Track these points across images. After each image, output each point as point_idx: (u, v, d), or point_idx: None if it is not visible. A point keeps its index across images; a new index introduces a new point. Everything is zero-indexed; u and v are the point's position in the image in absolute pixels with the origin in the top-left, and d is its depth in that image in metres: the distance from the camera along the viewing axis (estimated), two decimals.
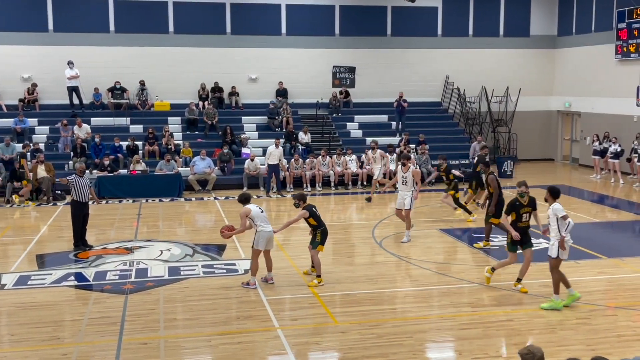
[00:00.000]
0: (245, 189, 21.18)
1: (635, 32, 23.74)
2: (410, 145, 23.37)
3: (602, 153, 23.61)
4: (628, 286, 11.06)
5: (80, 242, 13.71)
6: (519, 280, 10.71)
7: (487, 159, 17.52)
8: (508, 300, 10.42)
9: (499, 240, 13.85)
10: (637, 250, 13.73)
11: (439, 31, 27.67)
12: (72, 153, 21.64)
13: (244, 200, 11.00)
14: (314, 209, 11.12)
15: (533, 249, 10.84)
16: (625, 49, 24.37)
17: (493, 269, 10.99)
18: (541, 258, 12.79)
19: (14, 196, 19.18)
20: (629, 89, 23.59)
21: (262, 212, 10.92)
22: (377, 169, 20.70)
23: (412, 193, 13.97)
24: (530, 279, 11.44)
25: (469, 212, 16.46)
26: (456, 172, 17.11)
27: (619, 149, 22.90)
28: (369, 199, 19.34)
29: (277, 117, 24.71)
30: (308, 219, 11.07)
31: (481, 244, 13.65)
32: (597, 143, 23.84)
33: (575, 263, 12.43)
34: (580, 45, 27.17)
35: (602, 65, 25.78)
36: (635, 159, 21.80)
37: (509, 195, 13.01)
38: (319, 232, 11.14)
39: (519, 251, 10.67)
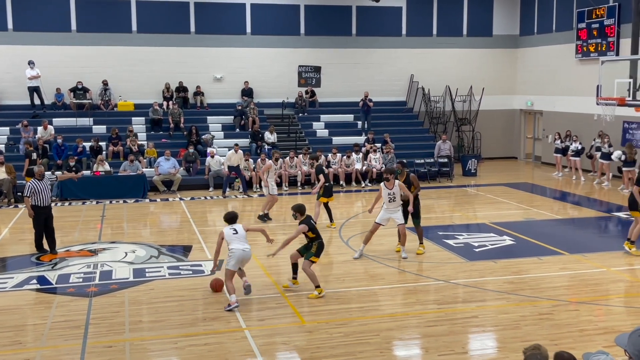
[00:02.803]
0: (211, 189, 21.07)
1: (595, 32, 24.22)
2: (376, 145, 23.49)
3: (564, 151, 24.04)
4: (590, 281, 11.27)
5: (43, 246, 13.39)
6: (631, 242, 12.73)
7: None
8: (473, 297, 10.55)
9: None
10: (599, 246, 14.01)
11: (404, 31, 27.86)
12: (26, 157, 20.81)
13: (225, 220, 10.63)
14: (312, 221, 10.73)
15: None
16: (585, 48, 24.84)
17: (632, 241, 12.70)
18: (501, 255, 12.99)
19: None
20: (589, 87, 24.03)
21: (235, 233, 10.29)
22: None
23: (401, 207, 12.70)
24: (495, 275, 11.61)
25: None
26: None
27: (580, 147, 23.35)
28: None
29: (243, 118, 24.60)
30: (307, 232, 10.64)
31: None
32: (558, 141, 24.28)
33: (538, 259, 12.64)
34: (542, 45, 27.63)
35: (563, 64, 26.24)
36: (598, 156, 22.25)
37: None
38: (315, 244, 10.65)
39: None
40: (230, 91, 26.03)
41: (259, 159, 21.65)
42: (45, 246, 13.43)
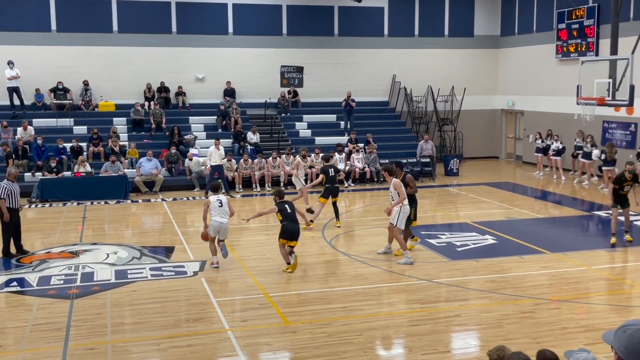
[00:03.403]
0: (197, 189, 20.99)
1: (575, 33, 24.44)
2: (359, 145, 23.53)
3: (545, 150, 24.23)
4: (571, 280, 11.37)
5: (13, 250, 13.16)
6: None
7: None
8: (456, 296, 10.60)
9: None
10: (580, 244, 14.14)
11: (386, 31, 27.93)
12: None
13: (211, 189, 12.63)
14: (285, 206, 11.95)
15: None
16: (565, 48, 25.06)
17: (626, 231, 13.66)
18: (483, 254, 13.06)
19: None
20: (569, 87, 24.23)
21: (220, 205, 11.96)
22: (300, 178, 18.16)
23: (400, 207, 12.34)
24: (478, 274, 11.67)
25: None
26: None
27: (560, 147, 23.54)
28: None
29: (225, 118, 24.52)
30: (277, 214, 11.97)
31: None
32: (539, 141, 24.46)
33: (520, 258, 12.73)
34: (523, 45, 27.83)
35: (543, 64, 26.45)
36: (580, 156, 22.47)
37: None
38: (281, 226, 11.85)
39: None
40: (212, 91, 25.93)
41: (242, 159, 21.61)
42: (12, 250, 13.23)
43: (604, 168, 20.73)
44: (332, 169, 16.07)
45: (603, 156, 20.71)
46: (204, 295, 10.59)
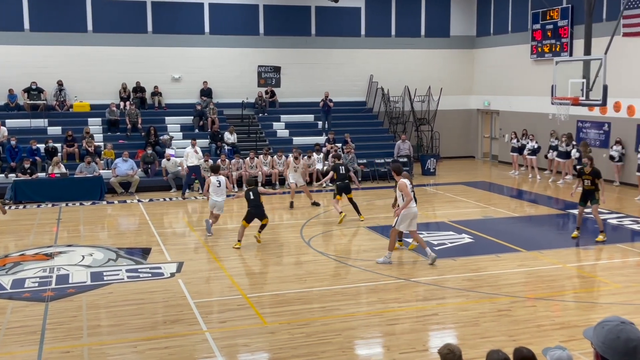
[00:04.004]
0: (173, 190, 20.84)
1: (549, 33, 24.71)
2: (337, 145, 23.55)
3: (520, 150, 24.47)
4: (546, 278, 11.49)
5: None
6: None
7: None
8: (433, 295, 10.65)
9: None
10: (555, 242, 14.28)
11: (363, 31, 27.99)
12: None
13: (212, 170, 15.40)
14: (250, 193, 13.85)
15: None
16: (540, 49, 25.33)
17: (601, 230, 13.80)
18: (460, 253, 13.15)
19: None
20: (544, 87, 24.48)
21: (218, 185, 14.59)
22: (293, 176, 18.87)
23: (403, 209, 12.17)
24: (455, 272, 11.74)
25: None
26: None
27: (536, 146, 23.79)
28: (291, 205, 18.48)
29: (202, 118, 24.39)
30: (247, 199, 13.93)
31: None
32: (515, 140, 24.70)
33: (496, 257, 12.83)
34: (498, 46, 28.07)
35: (518, 64, 26.70)
36: (555, 155, 22.72)
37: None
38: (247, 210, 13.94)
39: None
40: (188, 91, 25.77)
41: (219, 160, 21.51)
42: None
43: (578, 167, 20.97)
44: (343, 167, 16.66)
45: (577, 155, 20.96)
46: (181, 297, 10.52)
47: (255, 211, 13.80)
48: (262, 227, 14.05)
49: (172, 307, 10.12)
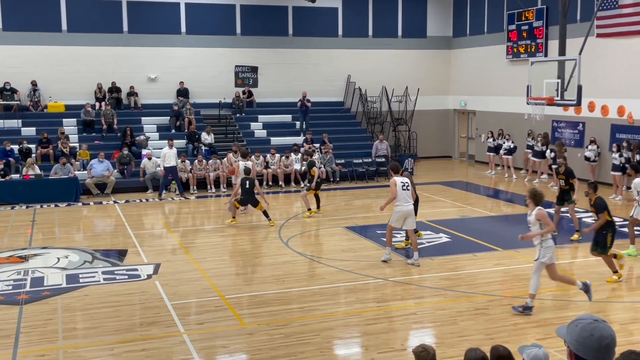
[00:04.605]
0: (150, 191, 20.66)
1: (524, 34, 24.95)
2: (315, 145, 23.55)
3: (496, 150, 24.68)
4: (522, 276, 11.57)
5: None
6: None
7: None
8: (411, 295, 10.70)
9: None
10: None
11: (340, 31, 28.02)
12: None
13: (242, 155, 17.89)
14: (246, 182, 15.42)
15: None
16: (515, 49, 25.56)
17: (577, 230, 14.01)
18: (437, 252, 13.22)
19: None
20: (519, 88, 24.71)
21: (245, 169, 16.01)
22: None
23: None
24: (433, 272, 11.80)
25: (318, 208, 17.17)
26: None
27: (512, 146, 24.01)
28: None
29: (179, 118, 24.22)
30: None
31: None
32: (491, 140, 24.90)
33: (473, 256, 12.92)
34: (474, 46, 28.28)
35: (494, 65, 26.93)
36: (530, 155, 22.94)
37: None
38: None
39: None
40: (165, 91, 25.58)
41: (196, 160, 21.40)
42: None
43: (553, 166, 21.19)
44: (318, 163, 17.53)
45: (552, 154, 21.18)
46: (158, 299, 10.43)
47: (247, 198, 15.62)
48: (265, 214, 15.74)
49: (149, 309, 10.04)
